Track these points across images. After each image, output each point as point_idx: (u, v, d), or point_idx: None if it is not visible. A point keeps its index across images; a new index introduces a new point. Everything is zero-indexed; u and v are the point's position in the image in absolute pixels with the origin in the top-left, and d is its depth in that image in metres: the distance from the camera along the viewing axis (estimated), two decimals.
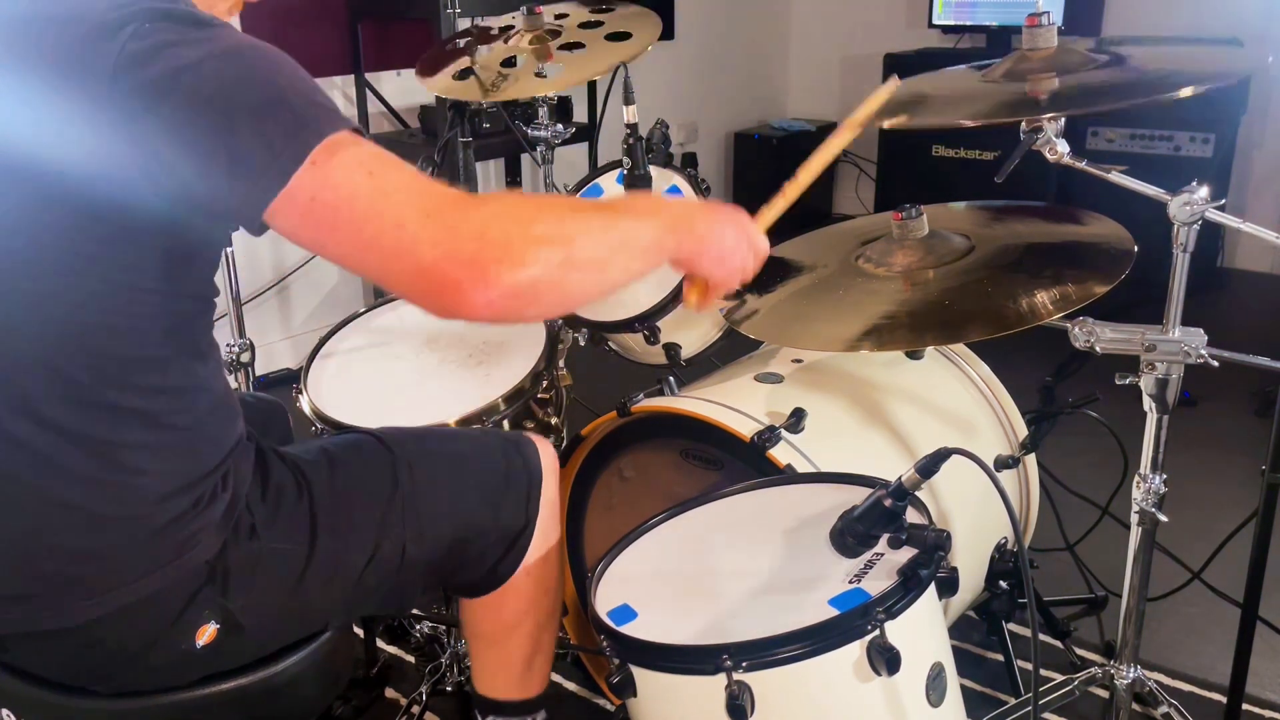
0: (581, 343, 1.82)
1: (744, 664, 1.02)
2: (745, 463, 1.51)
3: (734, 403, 1.56)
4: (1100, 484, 2.02)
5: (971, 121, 1.41)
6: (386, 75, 3.57)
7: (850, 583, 1.10)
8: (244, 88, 0.92)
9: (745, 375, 1.71)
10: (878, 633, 1.03)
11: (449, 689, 1.81)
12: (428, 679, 1.81)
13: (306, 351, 1.83)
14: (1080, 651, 1.93)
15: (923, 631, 1.10)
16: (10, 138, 0.96)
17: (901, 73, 1.44)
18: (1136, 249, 1.40)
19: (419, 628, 1.89)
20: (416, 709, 1.79)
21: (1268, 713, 1.83)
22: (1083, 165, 1.48)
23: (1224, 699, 1.74)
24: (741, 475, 1.45)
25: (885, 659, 1.02)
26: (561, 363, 1.88)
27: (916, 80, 1.69)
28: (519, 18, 2.10)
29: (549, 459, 1.37)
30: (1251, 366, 1.43)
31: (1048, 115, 1.43)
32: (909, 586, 1.07)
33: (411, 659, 1.93)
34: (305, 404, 1.70)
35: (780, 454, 1.45)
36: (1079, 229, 1.60)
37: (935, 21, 4.35)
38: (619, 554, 1.26)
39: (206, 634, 1.10)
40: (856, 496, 1.16)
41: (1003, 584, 1.73)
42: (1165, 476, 1.49)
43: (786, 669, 1.03)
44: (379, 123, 3.56)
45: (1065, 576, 2.06)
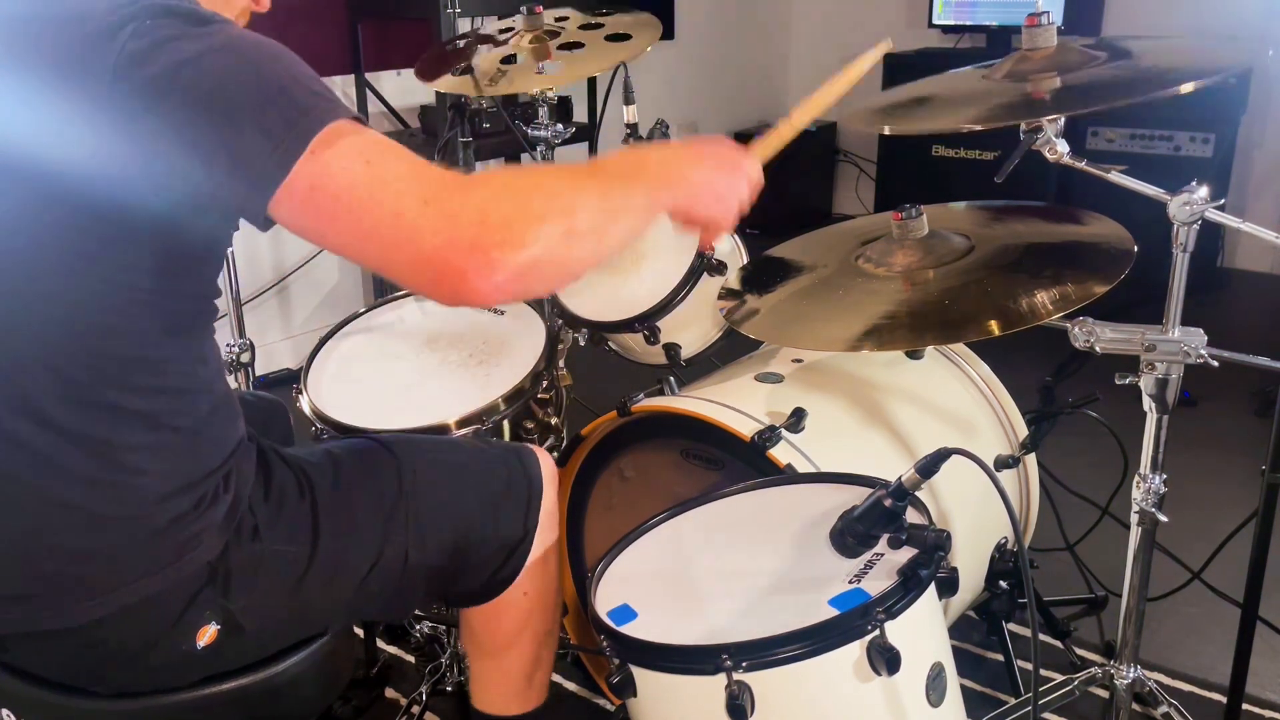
0: (581, 343, 1.82)
1: (744, 664, 1.02)
2: (745, 463, 1.51)
3: (734, 403, 1.56)
4: (1100, 484, 2.02)
5: (977, 125, 1.40)
6: (386, 75, 3.57)
7: (850, 583, 1.10)
8: (244, 80, 0.92)
9: (745, 375, 1.71)
10: (878, 633, 1.03)
11: (449, 689, 1.81)
12: (428, 679, 1.81)
13: (306, 351, 1.83)
14: (1080, 651, 1.93)
15: (923, 631, 1.10)
16: (11, 138, 0.96)
17: (902, 73, 1.44)
18: (1136, 249, 1.40)
19: (419, 628, 1.89)
20: (416, 709, 1.79)
21: (1268, 713, 1.83)
22: (1083, 165, 1.48)
23: (1224, 699, 1.74)
24: (741, 475, 1.45)
25: (885, 659, 1.02)
26: (561, 363, 1.88)
27: (918, 84, 1.69)
28: (519, 19, 2.10)
29: (549, 469, 1.37)
30: (1251, 366, 1.43)
31: (1050, 116, 1.43)
32: (909, 586, 1.07)
33: (411, 659, 1.93)
34: (305, 404, 1.70)
35: (780, 454, 1.45)
36: (1079, 229, 1.60)
37: (935, 21, 4.35)
38: (619, 554, 1.26)
39: (207, 635, 1.10)
40: (856, 496, 1.16)
41: (1003, 584, 1.73)
42: (1165, 476, 1.49)
43: (786, 669, 1.03)
44: (379, 122, 3.56)
45: (1065, 576, 2.06)
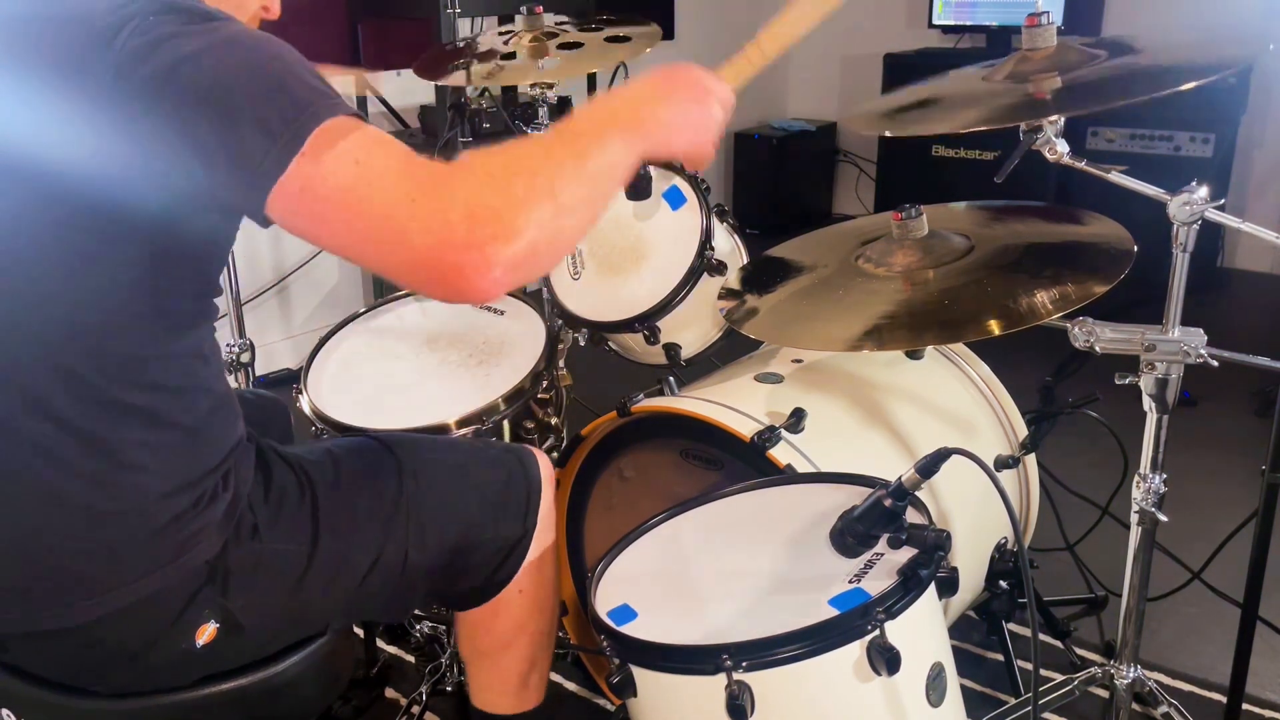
0: (581, 343, 1.82)
1: (744, 664, 1.02)
2: (745, 463, 1.51)
3: (734, 403, 1.56)
4: (1100, 484, 2.02)
5: (979, 127, 1.40)
6: (386, 75, 3.57)
7: (850, 583, 1.10)
8: (243, 77, 0.92)
9: (745, 375, 1.71)
10: (878, 633, 1.03)
11: (449, 689, 1.81)
12: (428, 679, 1.81)
13: (306, 351, 1.83)
14: (1080, 651, 1.93)
15: (923, 631, 1.10)
16: (11, 138, 0.96)
17: (902, 73, 1.44)
18: (1136, 249, 1.40)
19: (419, 628, 1.89)
20: (416, 709, 1.79)
21: (1268, 713, 1.83)
22: (1083, 165, 1.48)
23: (1224, 699, 1.74)
24: (741, 475, 1.45)
25: (885, 659, 1.02)
26: (561, 363, 1.88)
27: (919, 85, 1.69)
28: (520, 20, 2.11)
29: (547, 471, 1.37)
30: (1251, 366, 1.43)
31: (1051, 117, 1.43)
32: (909, 586, 1.07)
33: (411, 659, 1.93)
34: (305, 404, 1.70)
35: (780, 454, 1.45)
36: (1079, 229, 1.60)
37: (935, 21, 4.35)
38: (619, 554, 1.26)
39: (206, 634, 1.10)
40: (856, 496, 1.16)
41: (1003, 584, 1.73)
42: (1165, 476, 1.49)
43: (786, 669, 1.03)
44: (379, 123, 3.56)
45: (1065, 576, 2.06)
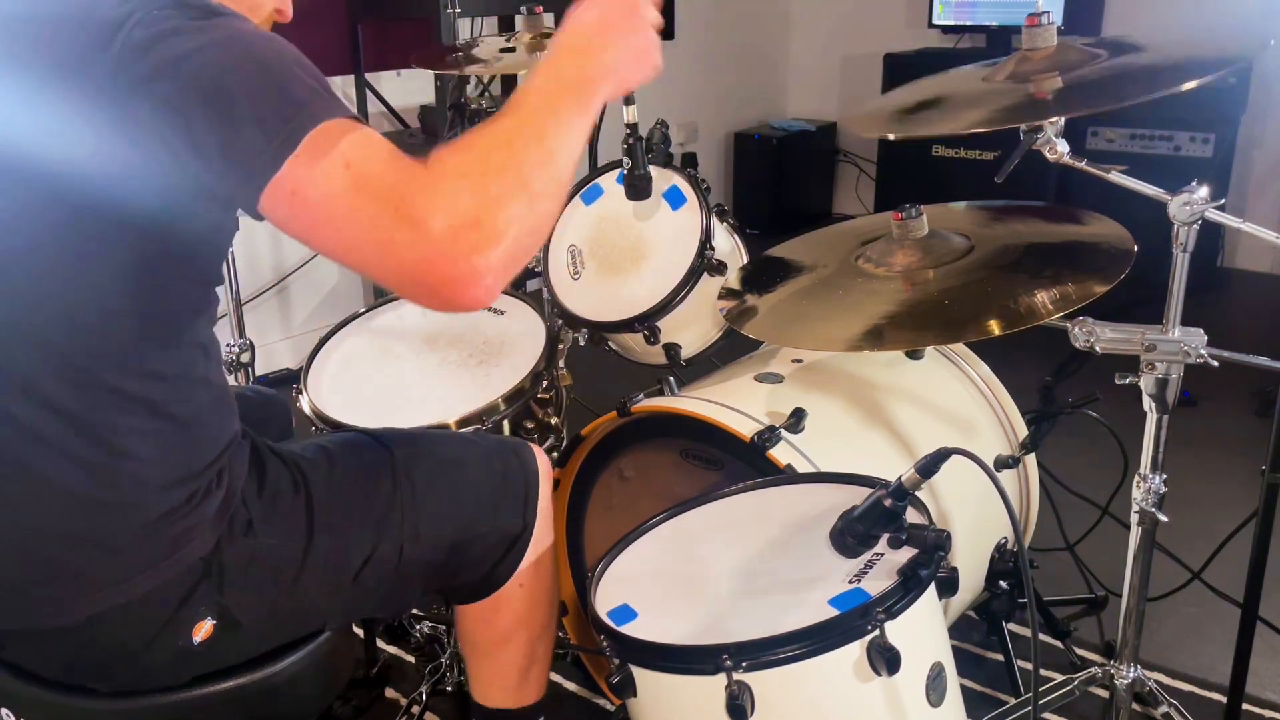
0: (581, 343, 1.82)
1: (744, 664, 1.02)
2: (745, 463, 1.51)
3: (734, 403, 1.56)
4: (1100, 484, 2.02)
5: (981, 129, 1.39)
6: (386, 75, 3.57)
7: (850, 583, 1.10)
8: (242, 73, 0.92)
9: (745, 375, 1.71)
10: (878, 633, 1.03)
11: (449, 689, 1.81)
12: (428, 679, 1.81)
13: (306, 351, 1.83)
14: (1080, 651, 1.93)
15: (923, 631, 1.10)
16: (11, 138, 0.96)
17: (902, 73, 1.43)
18: (1136, 249, 1.40)
19: (419, 628, 1.89)
20: (416, 709, 1.79)
21: (1268, 713, 1.83)
22: (1083, 165, 1.48)
23: (1224, 699, 1.73)
24: (741, 475, 1.45)
25: (885, 659, 1.02)
26: (561, 363, 1.88)
27: (919, 85, 1.68)
28: (520, 20, 2.11)
29: (545, 466, 1.37)
30: (1251, 366, 1.43)
31: (1051, 118, 1.43)
32: (909, 586, 1.07)
33: (411, 659, 1.93)
34: (305, 404, 1.70)
35: (780, 454, 1.45)
36: (1079, 229, 1.60)
37: (935, 21, 4.35)
38: (619, 554, 1.26)
39: (203, 630, 1.10)
40: (856, 496, 1.16)
41: (1003, 584, 1.73)
42: (1165, 476, 1.49)
43: (786, 669, 1.03)
44: (379, 123, 3.56)
45: (1065, 576, 2.06)
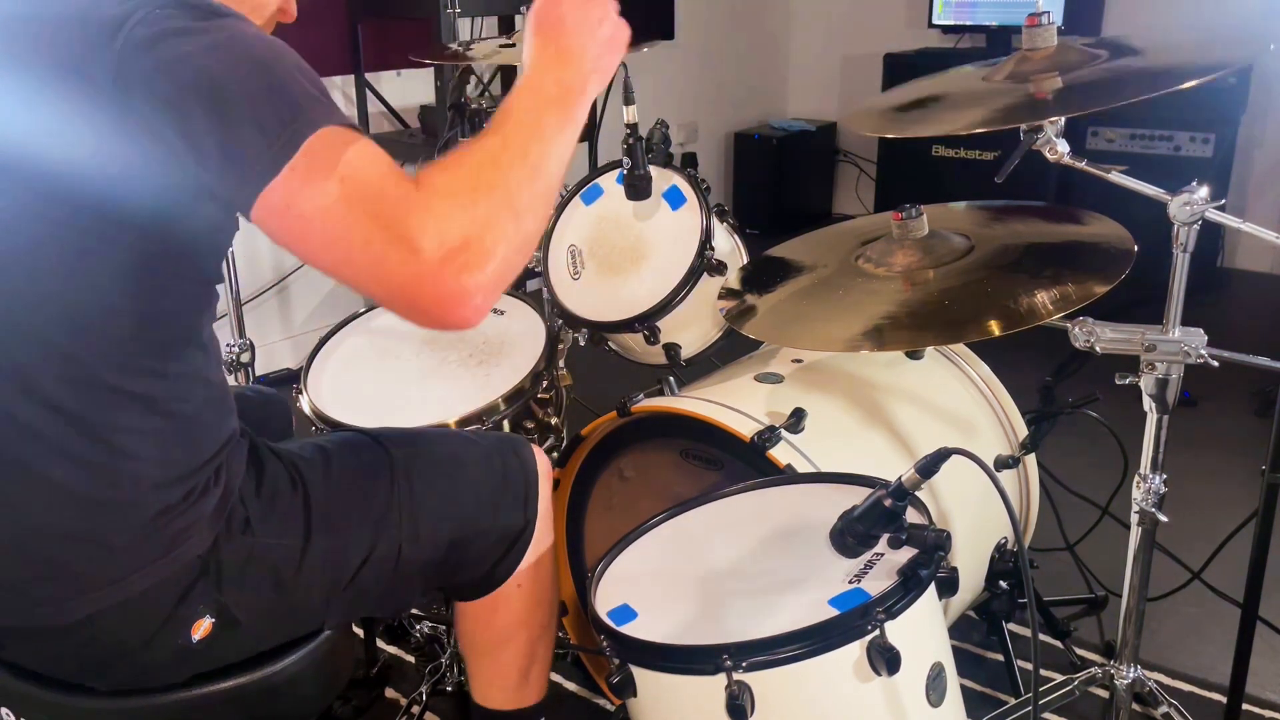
0: (581, 343, 1.82)
1: (744, 664, 1.02)
2: (745, 463, 1.51)
3: (734, 403, 1.56)
4: (1100, 484, 2.02)
5: (982, 129, 1.39)
6: (386, 75, 3.56)
7: (850, 583, 1.10)
8: (243, 75, 0.92)
9: (745, 375, 1.71)
10: (878, 633, 1.03)
11: (449, 689, 1.81)
12: (428, 679, 1.81)
13: (306, 351, 1.83)
14: (1080, 651, 1.93)
15: (923, 631, 1.10)
16: (11, 138, 0.96)
17: (902, 73, 1.43)
18: (1136, 249, 1.40)
19: (419, 628, 1.89)
20: (416, 709, 1.79)
21: (1268, 713, 1.83)
22: (1083, 165, 1.48)
23: (1224, 699, 1.73)
24: (741, 475, 1.45)
25: (885, 659, 1.02)
26: (561, 363, 1.88)
27: (919, 85, 1.68)
28: (520, 20, 2.12)
29: (544, 465, 1.37)
30: (1251, 366, 1.43)
31: (1051, 118, 1.43)
32: (909, 586, 1.07)
33: (411, 659, 1.93)
34: (305, 404, 1.70)
35: (780, 454, 1.45)
36: (1079, 229, 1.60)
37: (935, 21, 4.34)
38: (619, 554, 1.26)
39: (202, 629, 1.10)
40: (856, 496, 1.16)
41: (1003, 584, 1.73)
42: (1165, 476, 1.49)
43: (786, 669, 1.03)
44: (379, 122, 3.56)
45: (1065, 576, 2.06)
